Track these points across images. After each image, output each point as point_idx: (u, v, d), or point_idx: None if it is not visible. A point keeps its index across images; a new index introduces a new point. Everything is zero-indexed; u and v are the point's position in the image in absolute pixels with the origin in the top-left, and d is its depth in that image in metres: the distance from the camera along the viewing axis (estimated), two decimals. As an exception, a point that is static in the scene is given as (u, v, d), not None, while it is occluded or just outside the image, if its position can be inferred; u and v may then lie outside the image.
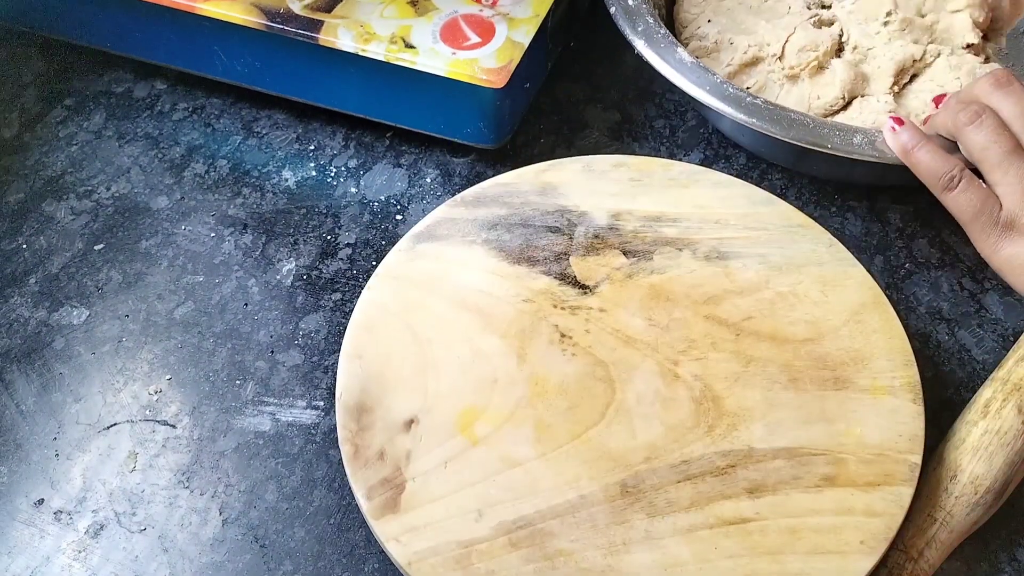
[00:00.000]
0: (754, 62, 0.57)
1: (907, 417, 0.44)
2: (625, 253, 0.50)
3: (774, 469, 0.43)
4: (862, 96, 0.55)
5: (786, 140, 0.49)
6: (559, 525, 0.41)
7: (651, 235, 0.50)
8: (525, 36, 0.54)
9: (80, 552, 0.45)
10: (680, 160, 0.56)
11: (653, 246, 0.50)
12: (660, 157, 0.56)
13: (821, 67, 0.56)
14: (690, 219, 0.51)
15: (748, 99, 0.50)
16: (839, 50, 0.57)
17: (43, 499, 0.46)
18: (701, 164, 0.58)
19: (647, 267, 0.49)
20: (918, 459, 0.43)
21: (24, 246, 0.55)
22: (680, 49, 0.53)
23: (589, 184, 0.52)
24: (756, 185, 0.52)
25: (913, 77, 0.56)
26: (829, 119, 0.52)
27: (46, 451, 0.48)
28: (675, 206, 0.51)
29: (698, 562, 0.40)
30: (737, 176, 0.53)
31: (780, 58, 0.56)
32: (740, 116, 0.50)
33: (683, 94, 0.52)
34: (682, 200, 0.51)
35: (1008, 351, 0.49)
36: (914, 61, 0.56)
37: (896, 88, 0.55)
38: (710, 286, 0.48)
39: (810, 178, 0.58)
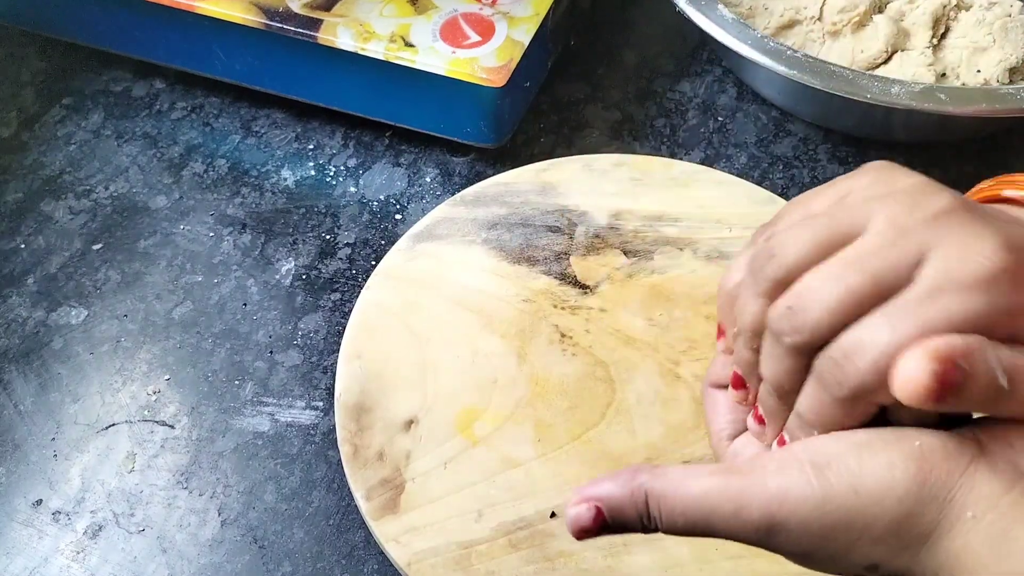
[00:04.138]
0: (790, 25, 0.59)
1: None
2: (625, 253, 0.49)
3: (775, 469, 0.42)
4: (903, 51, 0.57)
5: (826, 91, 0.50)
6: (559, 525, 0.41)
7: (652, 234, 0.50)
8: (525, 35, 0.54)
9: (78, 553, 0.44)
10: (681, 159, 0.56)
11: (654, 246, 0.50)
12: (661, 156, 0.56)
13: (862, 23, 0.57)
14: (691, 218, 0.50)
15: (789, 52, 0.52)
16: (878, 8, 0.59)
17: (41, 499, 0.46)
18: (702, 163, 0.58)
19: (647, 267, 0.49)
20: None
21: (22, 246, 0.55)
22: (721, 6, 0.55)
23: (589, 183, 0.52)
24: (757, 184, 0.52)
25: (947, 32, 0.58)
26: (868, 72, 0.55)
27: (44, 451, 0.47)
28: (676, 205, 0.51)
29: (698, 563, 0.40)
30: (738, 175, 0.53)
31: (818, 19, 0.58)
32: (781, 69, 0.51)
33: (720, 51, 0.54)
34: (683, 199, 0.51)
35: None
36: (944, 7, 0.57)
37: (934, 41, 0.57)
38: (711, 286, 0.48)
39: (812, 176, 0.58)
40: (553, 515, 0.41)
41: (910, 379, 0.24)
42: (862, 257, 0.26)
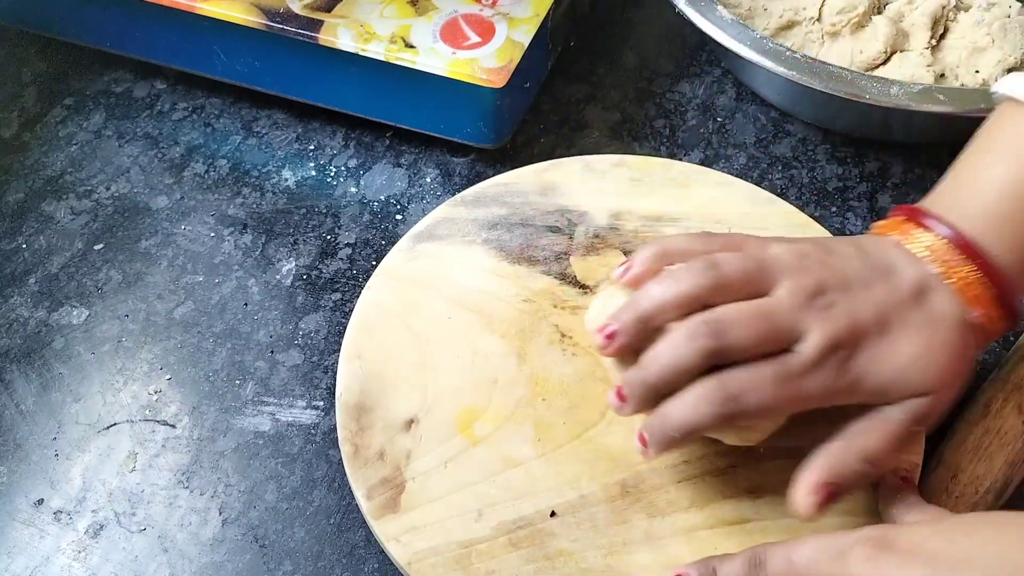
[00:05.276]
0: (789, 26, 0.59)
1: (907, 417, 0.44)
2: (625, 253, 0.50)
3: (775, 469, 0.43)
4: (901, 51, 0.57)
5: (825, 92, 0.51)
6: (559, 525, 0.41)
7: (652, 235, 0.50)
8: (525, 36, 0.54)
9: (80, 552, 0.44)
10: (680, 160, 0.56)
11: (653, 246, 0.50)
12: (660, 157, 0.56)
13: (861, 24, 0.58)
14: (691, 219, 0.51)
15: (788, 53, 0.52)
16: (877, 10, 0.59)
17: (43, 499, 0.46)
18: (701, 164, 0.58)
19: (647, 267, 0.49)
20: (919, 459, 0.43)
21: (24, 246, 0.55)
22: (720, 7, 0.55)
23: (589, 184, 0.52)
24: (756, 185, 0.52)
25: (945, 32, 0.58)
26: (867, 72, 0.55)
27: (46, 451, 0.48)
28: (676, 206, 0.51)
29: (698, 562, 0.40)
30: (738, 176, 0.53)
31: (817, 20, 0.58)
32: (780, 69, 0.51)
33: (719, 52, 0.55)
34: (683, 200, 0.51)
35: (1008, 351, 0.48)
36: (943, 8, 0.57)
37: (933, 42, 0.57)
38: (710, 286, 0.48)
39: (811, 177, 0.58)
40: (553, 514, 0.42)
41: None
42: (770, 312, 0.36)
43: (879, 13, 0.58)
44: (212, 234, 0.56)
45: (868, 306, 0.36)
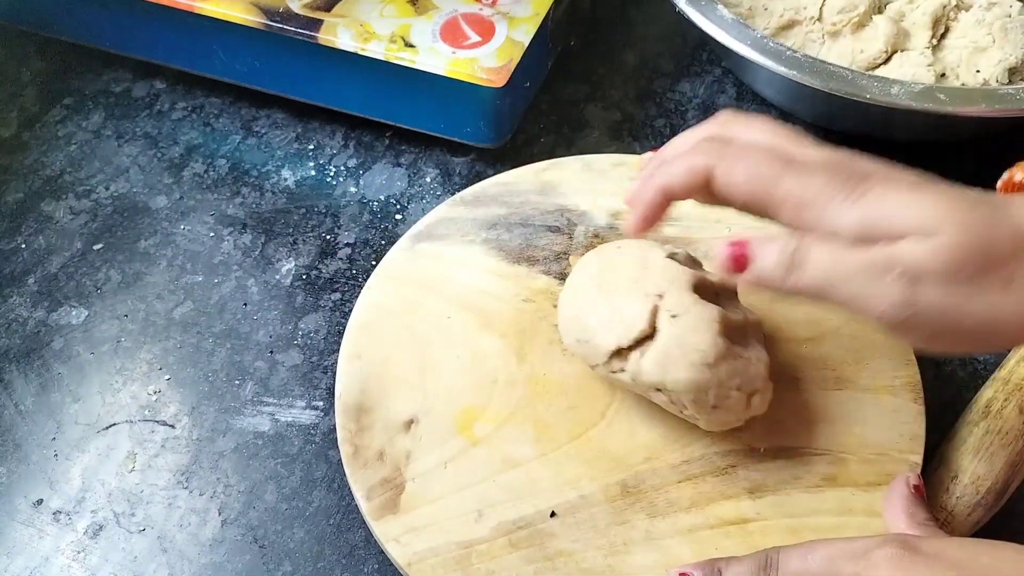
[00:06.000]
0: (790, 25, 0.59)
1: (908, 417, 0.44)
2: (625, 253, 0.49)
3: (775, 469, 0.43)
4: (902, 51, 0.57)
5: (826, 91, 0.50)
6: (559, 525, 0.41)
7: (651, 234, 0.50)
8: (525, 35, 0.54)
9: (79, 552, 0.44)
10: (680, 159, 0.56)
11: (653, 246, 0.50)
12: (660, 156, 0.56)
13: (862, 24, 0.57)
14: (690, 218, 0.50)
15: (788, 53, 0.52)
16: (878, 9, 0.59)
17: (42, 499, 0.46)
18: (701, 163, 0.58)
19: (647, 267, 0.49)
20: (919, 459, 0.43)
21: (23, 246, 0.55)
22: (720, 7, 0.54)
23: (589, 183, 0.52)
24: (756, 184, 0.52)
25: (946, 32, 0.58)
26: (867, 72, 0.55)
27: (45, 451, 0.47)
28: (675, 205, 0.51)
29: (699, 562, 0.40)
30: (737, 175, 0.53)
31: (818, 20, 0.58)
32: (781, 69, 0.51)
33: (719, 52, 0.54)
34: (682, 199, 0.51)
35: (1009, 351, 0.48)
36: (944, 7, 0.57)
37: (934, 41, 0.57)
38: (710, 286, 0.48)
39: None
40: (553, 514, 0.42)
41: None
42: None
43: (880, 12, 0.58)
44: (211, 234, 0.56)
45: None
